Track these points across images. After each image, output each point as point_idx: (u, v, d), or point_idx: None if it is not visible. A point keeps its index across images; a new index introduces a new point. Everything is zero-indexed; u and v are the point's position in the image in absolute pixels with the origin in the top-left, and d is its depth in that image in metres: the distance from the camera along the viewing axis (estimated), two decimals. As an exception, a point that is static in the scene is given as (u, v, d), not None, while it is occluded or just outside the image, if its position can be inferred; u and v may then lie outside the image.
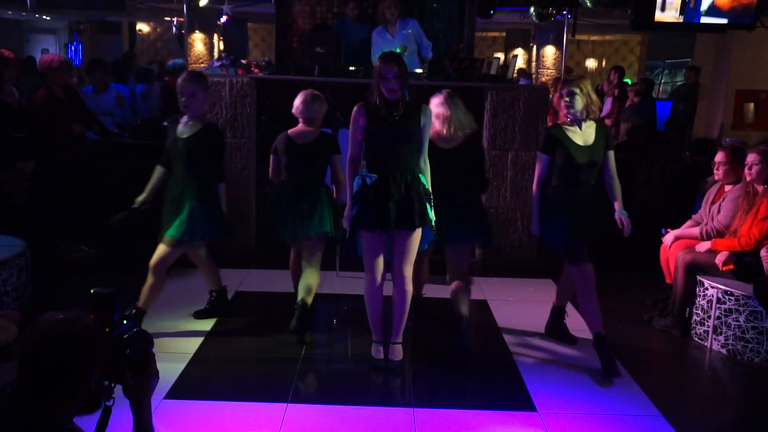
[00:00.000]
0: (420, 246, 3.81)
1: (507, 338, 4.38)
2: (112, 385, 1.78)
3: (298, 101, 4.33)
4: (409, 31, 6.32)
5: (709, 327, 4.36)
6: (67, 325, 1.67)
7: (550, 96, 6.15)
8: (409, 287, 3.81)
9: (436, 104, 4.03)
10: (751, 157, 4.38)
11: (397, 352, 3.88)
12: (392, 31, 6.31)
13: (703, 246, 4.52)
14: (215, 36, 14.49)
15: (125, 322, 1.88)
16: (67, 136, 5.45)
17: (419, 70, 6.16)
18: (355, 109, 3.74)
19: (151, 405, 1.90)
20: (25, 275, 4.53)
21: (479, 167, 4.27)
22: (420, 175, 3.73)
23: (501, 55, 16.91)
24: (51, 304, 4.73)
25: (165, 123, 6.25)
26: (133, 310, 4.09)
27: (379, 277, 3.80)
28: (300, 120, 4.33)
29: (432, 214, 3.75)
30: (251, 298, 4.98)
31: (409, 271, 3.78)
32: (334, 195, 4.36)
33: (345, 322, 4.68)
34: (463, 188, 4.13)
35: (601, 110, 10.37)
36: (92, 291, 1.86)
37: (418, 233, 3.73)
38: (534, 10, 9.15)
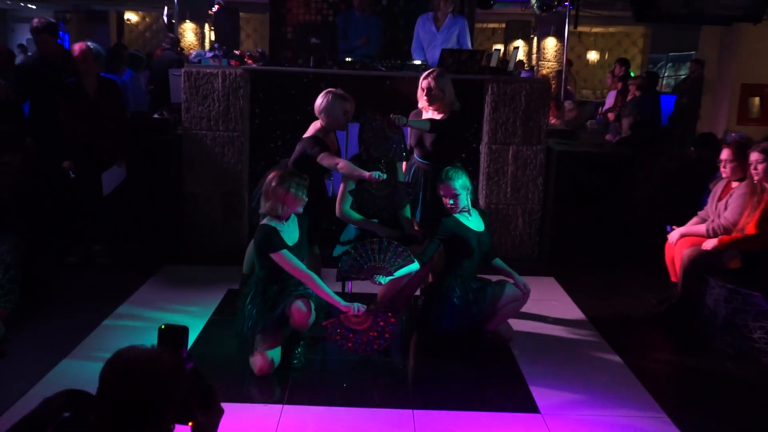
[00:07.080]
0: None
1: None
2: (173, 425, 1.72)
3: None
4: (455, 30, 6.26)
5: (715, 326, 4.36)
6: (151, 362, 1.63)
7: (552, 89, 6.12)
8: None
9: None
10: (754, 156, 4.37)
11: None
12: (438, 25, 6.27)
13: (710, 243, 4.49)
14: (206, 26, 14.44)
15: (190, 358, 1.85)
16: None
17: (418, 62, 6.14)
18: None
19: None
20: (12, 272, 4.48)
21: None
22: None
23: (501, 47, 16.90)
24: (42, 303, 4.70)
25: (156, 115, 6.24)
26: None
27: None
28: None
29: None
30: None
31: None
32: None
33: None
34: None
35: (603, 104, 10.42)
36: (162, 326, 1.83)
37: None
38: (536, 0, 9.11)
